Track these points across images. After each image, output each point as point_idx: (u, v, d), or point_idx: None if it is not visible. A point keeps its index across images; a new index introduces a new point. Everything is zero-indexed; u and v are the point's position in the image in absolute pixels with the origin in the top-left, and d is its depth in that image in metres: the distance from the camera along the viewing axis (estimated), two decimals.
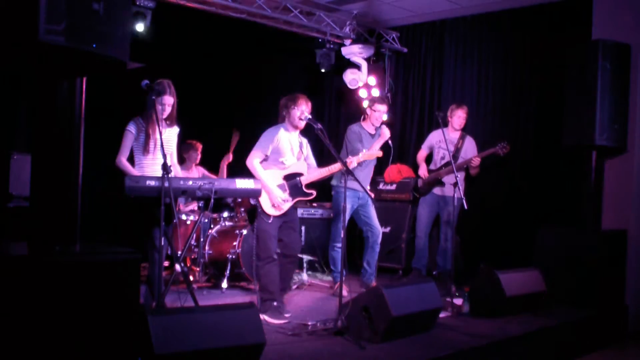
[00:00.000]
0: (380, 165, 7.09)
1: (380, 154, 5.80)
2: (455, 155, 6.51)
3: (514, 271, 5.41)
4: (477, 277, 5.44)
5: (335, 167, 5.28)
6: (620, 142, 5.92)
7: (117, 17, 3.17)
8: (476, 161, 6.31)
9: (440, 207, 6.63)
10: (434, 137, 6.78)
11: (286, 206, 5.05)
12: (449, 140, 6.51)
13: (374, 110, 6.19)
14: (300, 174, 5.15)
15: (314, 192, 5.19)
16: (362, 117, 6.36)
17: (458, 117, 6.55)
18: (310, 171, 5.25)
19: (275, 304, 4.91)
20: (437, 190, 6.61)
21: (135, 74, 4.29)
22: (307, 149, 5.35)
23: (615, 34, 5.95)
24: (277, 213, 5.00)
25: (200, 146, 7.11)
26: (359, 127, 6.23)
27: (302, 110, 5.07)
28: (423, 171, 6.67)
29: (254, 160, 5.02)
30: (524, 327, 4.84)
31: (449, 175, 6.40)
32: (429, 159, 6.85)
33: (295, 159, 5.19)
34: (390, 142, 6.03)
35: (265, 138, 5.08)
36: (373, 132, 6.24)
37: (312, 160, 5.36)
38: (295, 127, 5.15)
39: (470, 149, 6.59)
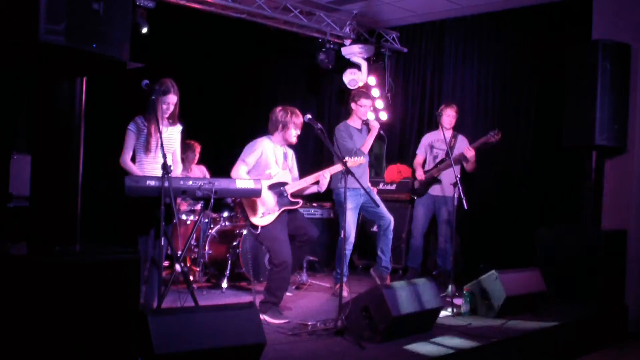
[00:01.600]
0: (379, 168, 7.10)
1: (363, 160, 5.65)
2: (449, 155, 6.52)
3: (514, 271, 5.41)
4: (477, 277, 5.44)
5: (315, 176, 5.20)
6: (620, 142, 5.92)
7: (117, 17, 3.16)
8: (470, 153, 6.28)
9: (437, 208, 6.61)
10: (427, 139, 6.78)
11: (272, 217, 4.98)
12: (442, 140, 6.57)
13: (360, 105, 6.18)
14: (284, 183, 5.11)
15: (300, 201, 5.15)
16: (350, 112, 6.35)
17: (447, 115, 6.53)
18: (294, 181, 5.23)
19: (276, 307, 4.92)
20: (433, 191, 6.60)
21: (135, 74, 4.28)
22: (292, 161, 5.32)
23: (615, 34, 5.95)
24: (264, 223, 4.94)
25: (198, 147, 7.09)
26: (345, 126, 6.23)
27: (298, 126, 5.09)
28: (420, 174, 6.64)
29: (239, 172, 4.98)
30: (524, 327, 4.85)
31: (446, 173, 6.45)
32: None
33: (280, 169, 5.15)
34: (382, 132, 6.01)
35: (250, 150, 5.03)
36: (360, 127, 6.25)
37: (296, 172, 5.33)
38: (289, 143, 5.15)
39: (464, 147, 6.61)
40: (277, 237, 4.93)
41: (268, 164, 5.05)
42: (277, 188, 5.06)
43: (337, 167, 5.26)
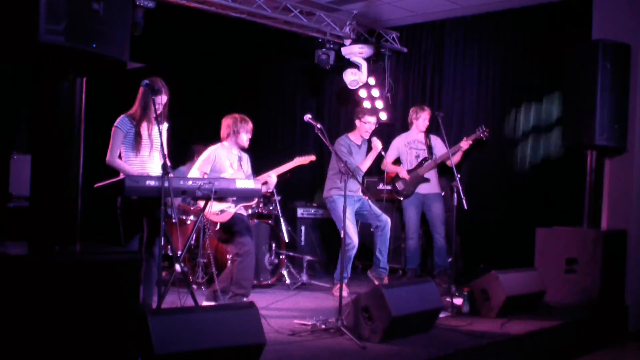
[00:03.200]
0: (378, 169, 7.09)
1: (313, 158, 5.96)
2: (430, 153, 6.59)
3: (514, 271, 5.41)
4: (477, 277, 5.44)
5: (262, 177, 5.53)
6: (620, 142, 5.92)
7: (117, 17, 3.16)
8: (466, 144, 6.44)
9: (427, 205, 6.61)
10: (400, 141, 6.82)
11: (229, 214, 5.22)
12: (418, 140, 6.72)
13: (364, 122, 6.19)
14: None
15: (255, 199, 5.60)
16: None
17: (424, 119, 6.71)
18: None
19: (245, 299, 5.03)
20: (420, 189, 6.59)
21: (135, 74, 4.29)
22: (247, 164, 5.56)
23: (615, 34, 5.95)
24: (223, 219, 5.19)
25: None
26: (347, 140, 6.26)
27: (248, 131, 5.39)
28: (404, 174, 6.64)
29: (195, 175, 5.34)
30: (524, 327, 4.85)
31: (430, 171, 6.61)
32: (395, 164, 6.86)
33: (235, 172, 5.38)
34: (383, 152, 6.10)
35: (204, 159, 5.34)
36: (359, 143, 6.26)
37: (249, 174, 5.59)
38: (242, 147, 5.44)
39: (439, 146, 6.66)
40: (236, 228, 5.18)
41: (222, 168, 5.34)
42: None
43: (283, 168, 5.67)
